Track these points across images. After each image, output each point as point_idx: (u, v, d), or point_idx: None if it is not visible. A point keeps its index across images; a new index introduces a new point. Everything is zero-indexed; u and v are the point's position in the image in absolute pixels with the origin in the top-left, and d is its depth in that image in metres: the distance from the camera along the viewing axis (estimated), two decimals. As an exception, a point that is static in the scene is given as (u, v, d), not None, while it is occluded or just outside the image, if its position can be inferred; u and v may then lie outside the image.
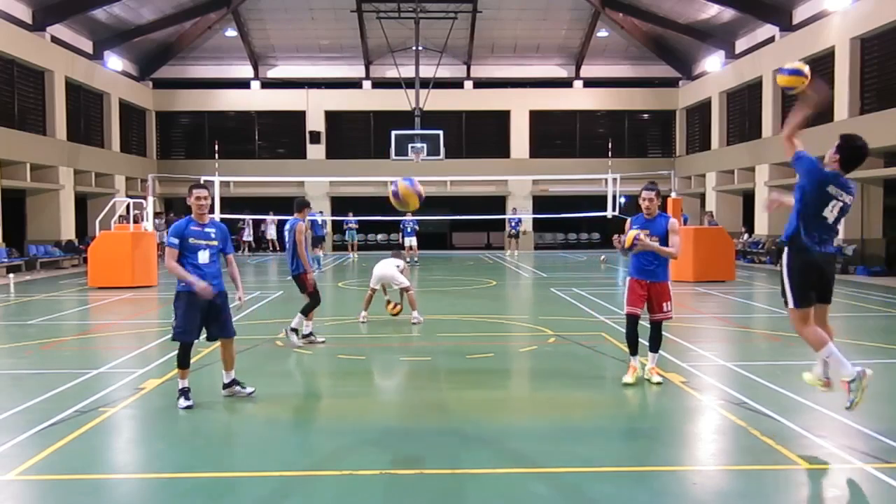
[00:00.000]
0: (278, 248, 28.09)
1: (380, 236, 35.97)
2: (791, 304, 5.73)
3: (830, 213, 5.61)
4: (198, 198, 6.92)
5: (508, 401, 7.50)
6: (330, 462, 5.36)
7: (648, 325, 7.66)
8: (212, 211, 25.08)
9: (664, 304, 7.50)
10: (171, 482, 5.07)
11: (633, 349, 7.64)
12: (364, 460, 5.37)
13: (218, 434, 5.88)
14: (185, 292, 6.79)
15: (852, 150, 5.66)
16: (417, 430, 6.27)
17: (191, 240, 6.86)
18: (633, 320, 7.53)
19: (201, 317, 6.82)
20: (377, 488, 4.90)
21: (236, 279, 7.21)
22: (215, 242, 6.98)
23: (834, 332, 5.99)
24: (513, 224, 30.58)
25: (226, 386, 7.22)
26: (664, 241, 7.32)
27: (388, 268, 11.88)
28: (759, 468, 5.27)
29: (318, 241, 28.66)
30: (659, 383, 7.48)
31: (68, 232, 26.50)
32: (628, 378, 7.52)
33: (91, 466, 5.39)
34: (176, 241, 6.82)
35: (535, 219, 34.79)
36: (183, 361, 6.86)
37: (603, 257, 26.93)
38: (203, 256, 6.89)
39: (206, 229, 6.96)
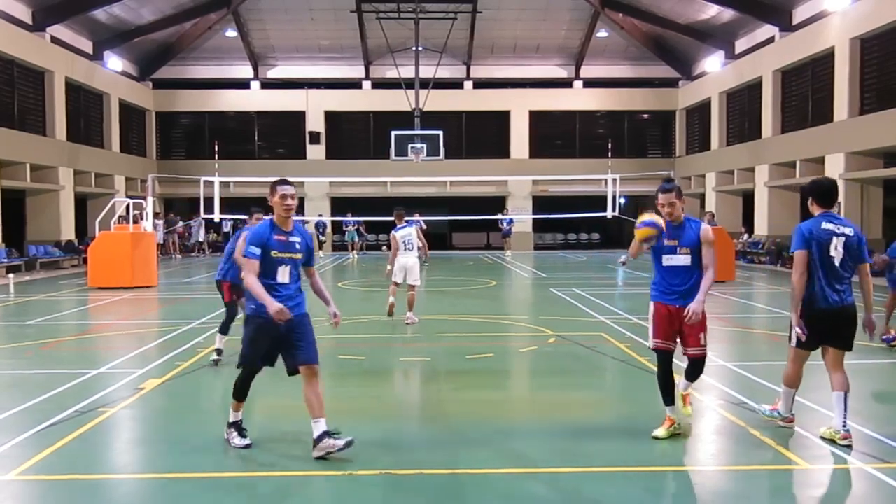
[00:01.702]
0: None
1: (381, 236, 35.94)
2: (792, 342, 5.90)
3: (836, 251, 5.69)
4: (283, 196, 5.40)
5: (508, 401, 7.49)
6: (330, 462, 5.35)
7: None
8: (219, 211, 24.28)
9: (700, 336, 5.87)
10: (171, 482, 5.08)
11: (669, 396, 5.97)
12: (364, 460, 5.36)
13: (217, 434, 5.87)
14: (255, 316, 5.43)
15: (818, 186, 5.91)
16: (417, 431, 6.27)
17: (273, 252, 5.35)
18: (666, 357, 5.94)
19: (272, 345, 5.49)
20: (377, 489, 4.90)
21: (325, 294, 5.74)
22: (299, 256, 5.50)
23: (846, 384, 5.66)
24: (504, 224, 30.49)
25: (316, 442, 5.33)
26: (696, 252, 5.85)
27: (412, 259, 11.94)
28: (759, 468, 5.28)
29: None
30: (689, 415, 6.22)
31: (68, 232, 26.49)
32: (660, 432, 5.88)
33: (91, 466, 5.39)
34: (258, 251, 5.32)
35: (534, 219, 34.81)
36: (240, 391, 5.63)
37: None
38: (283, 274, 5.40)
39: (291, 239, 5.45)
